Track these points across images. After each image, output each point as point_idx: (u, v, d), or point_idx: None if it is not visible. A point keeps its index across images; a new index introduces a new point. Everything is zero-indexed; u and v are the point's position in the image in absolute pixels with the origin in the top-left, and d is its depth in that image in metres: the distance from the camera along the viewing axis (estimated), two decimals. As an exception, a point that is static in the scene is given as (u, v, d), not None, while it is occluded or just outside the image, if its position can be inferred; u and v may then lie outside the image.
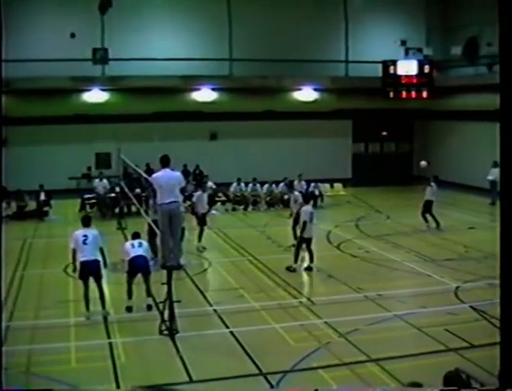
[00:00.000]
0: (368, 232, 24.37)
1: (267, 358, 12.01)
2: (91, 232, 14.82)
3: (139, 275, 14.92)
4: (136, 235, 15.99)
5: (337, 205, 31.30)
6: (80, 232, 14.70)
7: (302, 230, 18.47)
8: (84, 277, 14.49)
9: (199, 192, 22.83)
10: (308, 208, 18.94)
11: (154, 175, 13.72)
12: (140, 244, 15.34)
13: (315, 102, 37.23)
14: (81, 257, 14.39)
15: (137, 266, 14.88)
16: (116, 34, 34.61)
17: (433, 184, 24.87)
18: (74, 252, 14.62)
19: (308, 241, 18.59)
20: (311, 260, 18.73)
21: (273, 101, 36.70)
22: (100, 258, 14.64)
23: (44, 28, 34.74)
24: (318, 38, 36.47)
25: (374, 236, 23.58)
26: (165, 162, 13.52)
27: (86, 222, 15.21)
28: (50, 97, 34.20)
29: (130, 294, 14.99)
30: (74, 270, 14.82)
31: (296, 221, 19.86)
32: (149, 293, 14.92)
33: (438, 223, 24.61)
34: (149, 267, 15.08)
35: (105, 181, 29.66)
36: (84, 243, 14.39)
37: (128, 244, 15.49)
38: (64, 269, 18.79)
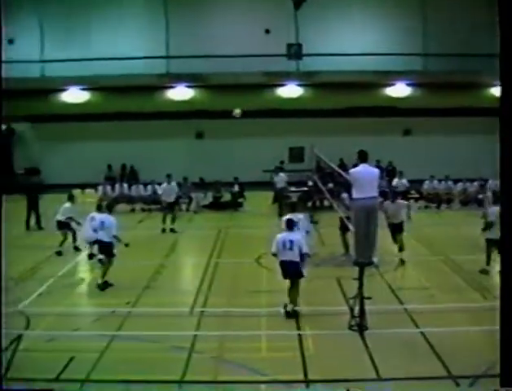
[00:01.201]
0: None
1: (457, 360, 11.60)
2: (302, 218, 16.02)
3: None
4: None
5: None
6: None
7: (487, 231, 17.57)
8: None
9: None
10: (496, 208, 17.95)
11: (353, 170, 13.57)
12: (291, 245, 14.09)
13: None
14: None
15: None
16: (310, 29, 35.03)
17: None
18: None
19: (494, 243, 17.39)
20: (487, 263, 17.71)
21: (470, 97, 35.45)
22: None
23: (239, 24, 35.90)
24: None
25: None
26: (363, 157, 13.40)
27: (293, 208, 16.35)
28: (244, 92, 35.16)
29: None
30: None
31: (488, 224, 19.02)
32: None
33: None
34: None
35: (282, 174, 29.65)
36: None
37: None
38: (257, 259, 19.29)
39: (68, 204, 20.95)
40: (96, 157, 35.59)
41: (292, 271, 14.10)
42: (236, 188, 30.60)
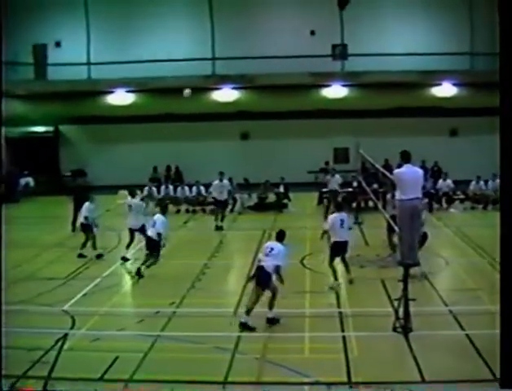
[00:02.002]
0: None
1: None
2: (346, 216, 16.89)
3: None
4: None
5: None
6: (336, 216, 16.63)
7: None
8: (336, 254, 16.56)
9: None
10: None
11: (397, 170, 13.47)
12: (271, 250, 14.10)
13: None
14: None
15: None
16: (355, 29, 34.93)
17: None
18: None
19: None
20: None
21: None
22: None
23: (285, 26, 36.06)
24: None
25: None
26: (406, 157, 13.30)
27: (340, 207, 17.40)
28: (289, 93, 35.19)
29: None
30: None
31: None
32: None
33: None
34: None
35: (337, 176, 29.50)
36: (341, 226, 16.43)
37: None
38: (301, 260, 19.28)
39: (87, 204, 20.95)
40: (142, 159, 35.92)
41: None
42: (281, 189, 30.57)
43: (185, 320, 14.20)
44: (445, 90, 36.26)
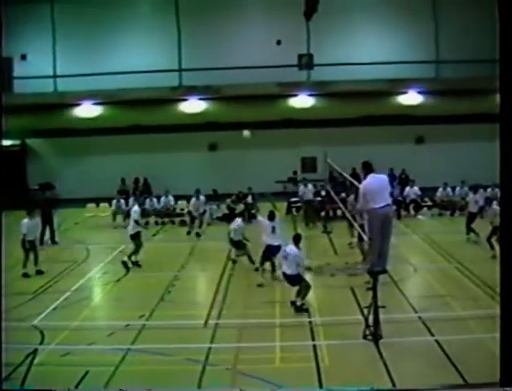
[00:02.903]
0: None
1: (472, 369, 11.53)
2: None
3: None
4: None
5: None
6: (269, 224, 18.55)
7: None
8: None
9: None
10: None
11: (363, 183, 13.36)
12: None
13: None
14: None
15: None
16: (322, 39, 35.10)
17: None
18: None
19: None
20: None
21: (482, 103, 35.25)
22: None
23: (252, 36, 36.15)
24: None
25: None
26: (368, 167, 13.36)
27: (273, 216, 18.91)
28: (257, 103, 35.28)
29: None
30: None
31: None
32: None
33: None
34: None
35: (310, 186, 29.75)
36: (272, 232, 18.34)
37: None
38: (271, 270, 19.30)
39: (25, 221, 20.28)
40: (110, 171, 35.67)
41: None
42: (250, 199, 30.56)
43: (155, 332, 14.13)
44: (411, 98, 36.55)
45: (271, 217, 18.80)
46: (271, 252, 18.43)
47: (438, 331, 13.57)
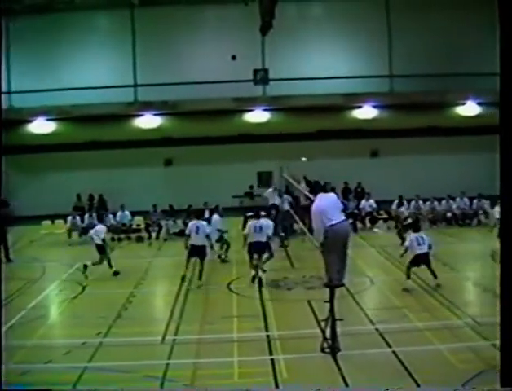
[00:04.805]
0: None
1: (430, 378, 11.65)
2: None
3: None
4: None
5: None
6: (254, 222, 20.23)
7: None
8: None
9: None
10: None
11: (314, 205, 13.28)
12: None
13: (478, 116, 35.69)
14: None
15: None
16: (277, 54, 35.37)
17: None
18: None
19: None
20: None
21: (436, 116, 35.87)
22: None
23: (207, 51, 36.31)
24: (480, 50, 33.36)
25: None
26: (318, 188, 13.60)
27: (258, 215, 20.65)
28: (212, 118, 35.35)
29: None
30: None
31: None
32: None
33: None
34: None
35: (286, 196, 29.14)
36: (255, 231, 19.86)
37: None
38: (228, 284, 19.30)
39: None
40: (66, 187, 35.33)
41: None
42: (206, 214, 30.43)
43: (113, 350, 13.99)
44: (366, 112, 36.97)
45: (257, 216, 20.66)
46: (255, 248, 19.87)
47: (395, 342, 13.66)
